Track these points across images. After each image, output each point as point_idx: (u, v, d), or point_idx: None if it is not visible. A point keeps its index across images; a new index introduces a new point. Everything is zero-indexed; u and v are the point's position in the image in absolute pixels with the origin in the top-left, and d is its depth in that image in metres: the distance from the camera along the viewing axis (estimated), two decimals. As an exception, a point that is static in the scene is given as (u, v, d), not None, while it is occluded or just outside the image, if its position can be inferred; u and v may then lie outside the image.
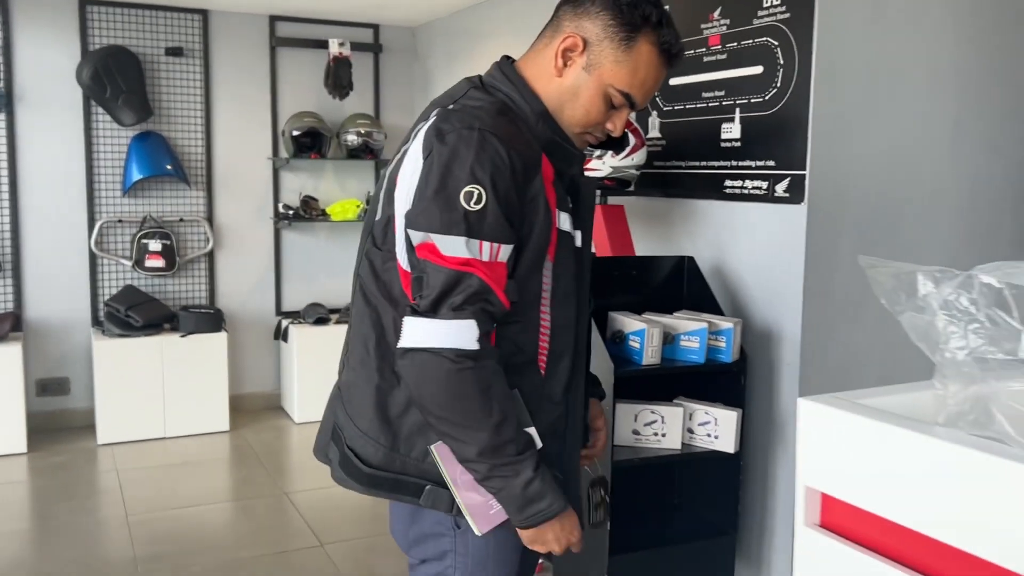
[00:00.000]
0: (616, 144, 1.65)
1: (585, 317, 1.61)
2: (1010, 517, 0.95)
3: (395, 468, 1.49)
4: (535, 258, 1.44)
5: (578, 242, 1.56)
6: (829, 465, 1.18)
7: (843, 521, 1.18)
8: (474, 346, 1.35)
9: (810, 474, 1.21)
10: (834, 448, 1.17)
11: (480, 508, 1.47)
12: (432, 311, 1.37)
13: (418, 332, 1.37)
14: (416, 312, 1.39)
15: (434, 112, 1.50)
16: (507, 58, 1.58)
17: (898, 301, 1.09)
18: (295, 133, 5.14)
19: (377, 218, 1.52)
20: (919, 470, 1.05)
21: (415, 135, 1.49)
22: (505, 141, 1.39)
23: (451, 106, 1.49)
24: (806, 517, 1.22)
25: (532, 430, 1.45)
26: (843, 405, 1.16)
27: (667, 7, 3.28)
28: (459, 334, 1.35)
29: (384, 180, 1.54)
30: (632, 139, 3.05)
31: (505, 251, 1.39)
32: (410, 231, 1.42)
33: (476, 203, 1.36)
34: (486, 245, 1.36)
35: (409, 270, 1.46)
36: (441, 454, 1.45)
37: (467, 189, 1.36)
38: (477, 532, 1.48)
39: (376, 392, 1.49)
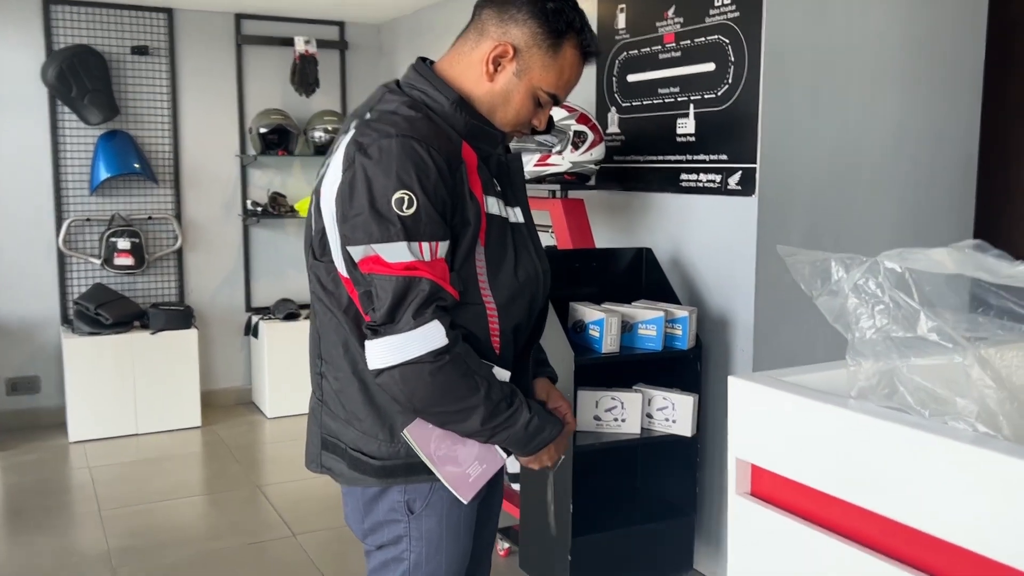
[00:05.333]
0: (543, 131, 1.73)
1: (540, 289, 1.65)
2: (913, 479, 1.05)
3: (401, 456, 1.56)
4: (468, 246, 1.51)
5: (515, 218, 1.63)
6: (757, 438, 1.28)
7: (771, 490, 1.28)
8: (444, 341, 1.43)
9: (740, 447, 1.31)
10: (761, 422, 1.27)
11: (460, 479, 1.55)
12: (390, 321, 1.42)
13: (389, 350, 1.42)
14: (375, 331, 1.44)
15: (353, 124, 1.55)
16: (422, 59, 1.64)
17: (815, 286, 1.19)
18: (262, 130, 5.18)
19: (313, 232, 1.58)
20: (834, 439, 1.15)
21: (337, 148, 1.55)
22: (423, 141, 1.45)
23: (368, 115, 1.55)
24: (737, 487, 1.32)
25: (495, 370, 1.53)
26: (768, 382, 1.26)
27: (623, 5, 3.39)
28: (429, 338, 1.41)
29: (313, 194, 1.60)
30: (591, 135, 3.15)
31: (443, 247, 1.45)
32: (350, 248, 1.46)
33: (408, 207, 1.42)
34: (426, 245, 1.43)
35: (348, 277, 1.51)
36: (415, 437, 1.53)
37: (397, 196, 1.42)
38: (464, 502, 1.57)
39: (363, 393, 1.56)
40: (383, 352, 1.43)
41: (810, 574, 1.21)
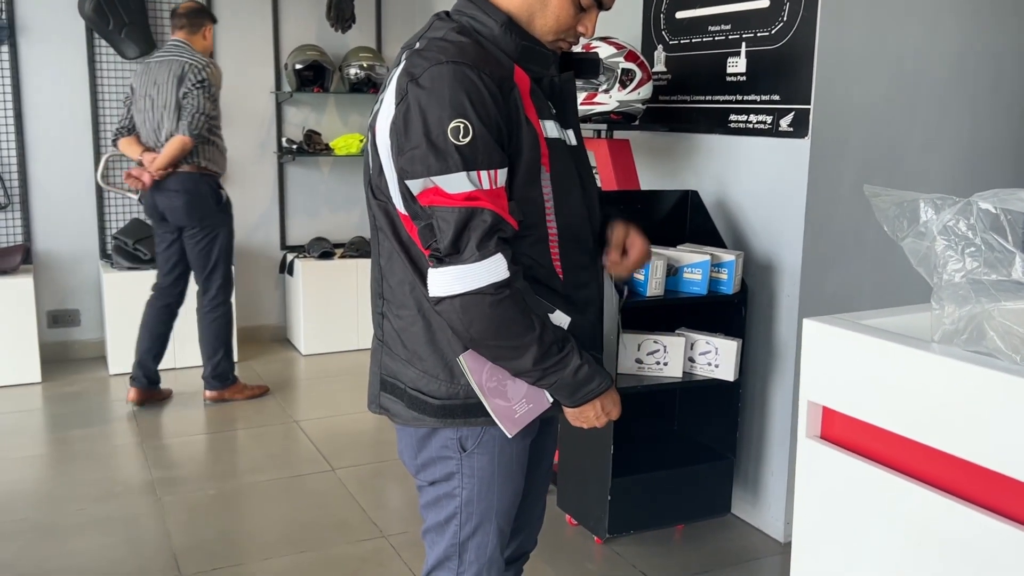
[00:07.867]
0: (588, 70, 1.67)
1: (595, 211, 1.64)
2: (1001, 424, 1.03)
3: (460, 396, 1.56)
4: (529, 173, 1.47)
5: (571, 141, 1.59)
6: (830, 380, 1.26)
7: (842, 432, 1.27)
8: (506, 274, 1.41)
9: (812, 389, 1.29)
10: (835, 364, 1.25)
11: (506, 412, 1.55)
12: (455, 251, 1.41)
13: (453, 279, 1.41)
14: (440, 260, 1.42)
15: (404, 55, 1.52)
16: None
17: (900, 228, 1.15)
18: (298, 67, 5.13)
19: (371, 171, 1.55)
20: (916, 383, 1.13)
21: (389, 81, 1.51)
22: (475, 67, 1.41)
23: (417, 44, 1.51)
24: (808, 430, 1.30)
25: (555, 315, 1.51)
26: (846, 324, 1.24)
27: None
28: (492, 269, 1.40)
29: (368, 131, 1.57)
30: (639, 73, 3.08)
31: (501, 175, 1.43)
32: (408, 182, 1.45)
33: (464, 136, 1.39)
34: (484, 174, 1.40)
35: (407, 214, 1.50)
36: (469, 365, 1.52)
37: (453, 125, 1.39)
38: (508, 435, 1.56)
39: (426, 332, 1.55)
40: (447, 281, 1.42)
41: (884, 517, 1.19)
